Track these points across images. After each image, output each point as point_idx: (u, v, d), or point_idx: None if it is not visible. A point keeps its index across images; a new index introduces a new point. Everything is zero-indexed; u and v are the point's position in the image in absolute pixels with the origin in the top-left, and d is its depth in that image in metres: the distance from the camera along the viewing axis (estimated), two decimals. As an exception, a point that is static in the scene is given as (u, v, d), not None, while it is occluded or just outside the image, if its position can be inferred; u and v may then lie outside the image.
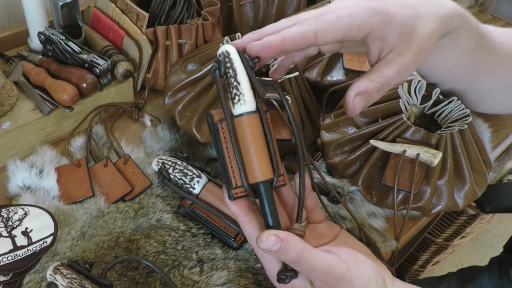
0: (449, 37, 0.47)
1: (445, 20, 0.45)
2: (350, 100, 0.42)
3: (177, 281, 0.49)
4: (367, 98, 0.42)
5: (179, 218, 0.55)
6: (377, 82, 0.42)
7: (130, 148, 0.62)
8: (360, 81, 0.43)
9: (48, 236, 0.49)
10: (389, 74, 0.42)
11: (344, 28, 0.40)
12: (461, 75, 0.54)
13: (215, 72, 0.40)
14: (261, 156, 0.39)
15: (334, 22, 0.40)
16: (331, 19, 0.41)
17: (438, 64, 0.51)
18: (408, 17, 0.43)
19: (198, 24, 0.69)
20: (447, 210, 0.58)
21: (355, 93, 0.42)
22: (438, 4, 0.45)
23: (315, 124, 0.66)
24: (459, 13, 0.47)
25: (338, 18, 0.41)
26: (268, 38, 0.39)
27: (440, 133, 0.56)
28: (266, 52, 0.39)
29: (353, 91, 0.42)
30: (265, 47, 0.39)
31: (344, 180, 0.60)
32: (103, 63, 0.62)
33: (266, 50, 0.39)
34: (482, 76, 0.54)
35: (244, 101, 0.39)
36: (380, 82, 0.42)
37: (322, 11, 0.42)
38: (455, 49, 0.49)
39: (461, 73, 0.53)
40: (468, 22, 0.48)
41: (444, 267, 1.54)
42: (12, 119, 0.59)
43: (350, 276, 0.40)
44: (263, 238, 0.38)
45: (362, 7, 0.41)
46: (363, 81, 0.42)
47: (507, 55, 0.54)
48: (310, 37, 0.40)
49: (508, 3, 1.06)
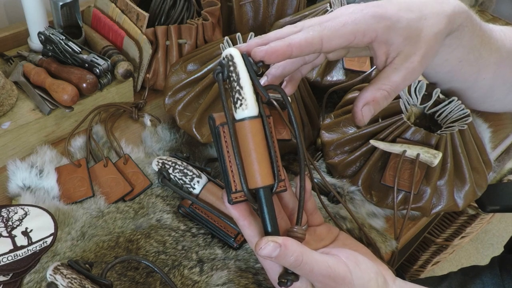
0: (454, 35, 0.47)
1: (451, 18, 0.45)
2: (358, 110, 0.42)
3: (177, 281, 0.49)
4: (375, 106, 0.42)
5: (179, 218, 0.55)
6: (384, 90, 0.42)
7: (130, 148, 0.62)
8: (368, 90, 0.42)
9: (48, 236, 0.49)
10: (396, 80, 0.42)
11: (349, 35, 0.40)
12: (464, 73, 0.54)
13: (218, 76, 0.40)
14: (261, 161, 0.39)
15: (339, 28, 0.40)
16: (336, 25, 0.40)
17: (442, 64, 0.51)
18: (413, 20, 0.42)
19: (198, 24, 0.69)
20: (447, 210, 0.58)
21: (363, 103, 0.42)
22: (442, 2, 0.45)
23: (315, 124, 0.66)
24: (463, 9, 0.47)
25: (343, 24, 0.40)
26: (274, 44, 0.39)
27: (440, 133, 0.56)
28: (272, 58, 0.39)
29: (361, 101, 0.42)
30: (271, 52, 0.39)
31: (344, 180, 0.60)
32: (103, 63, 0.62)
33: (271, 55, 0.39)
34: (485, 74, 0.54)
35: (246, 106, 0.39)
36: (388, 90, 0.42)
37: (326, 18, 0.42)
38: (459, 48, 0.49)
39: (464, 71, 0.53)
40: (472, 19, 0.48)
41: (444, 267, 1.54)
42: (12, 119, 0.59)
43: (351, 277, 0.40)
44: (261, 245, 0.38)
45: (366, 14, 0.41)
46: (371, 89, 0.42)
47: (509, 52, 0.54)
48: (316, 43, 0.40)
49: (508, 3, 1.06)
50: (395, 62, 0.43)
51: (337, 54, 0.48)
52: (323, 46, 0.40)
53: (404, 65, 0.42)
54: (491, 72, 0.54)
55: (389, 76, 0.43)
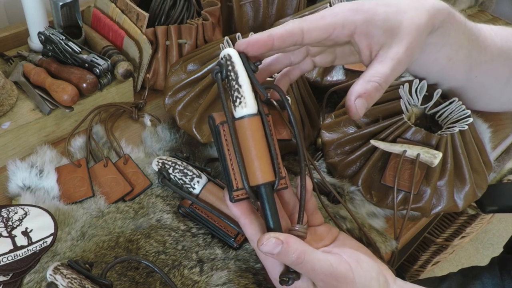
0: (438, 33, 0.48)
1: (431, 13, 0.45)
2: (351, 103, 0.43)
3: (177, 281, 0.49)
4: (368, 99, 0.43)
5: (179, 218, 0.55)
6: (374, 81, 0.43)
7: (130, 148, 0.62)
8: (358, 83, 0.43)
9: (48, 236, 0.49)
10: (385, 71, 0.43)
11: (328, 26, 0.42)
12: (455, 72, 0.54)
13: (217, 75, 0.40)
14: (262, 158, 0.39)
15: (318, 20, 0.42)
16: (315, 17, 0.42)
17: (432, 64, 0.52)
18: (391, 13, 0.43)
19: (198, 24, 0.69)
20: (447, 210, 0.58)
21: (355, 96, 0.42)
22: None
23: (315, 124, 0.66)
24: (444, 6, 0.47)
25: (322, 17, 0.42)
26: (256, 35, 0.41)
27: (441, 133, 0.56)
28: (254, 48, 0.40)
29: (353, 94, 0.43)
30: (253, 42, 0.40)
31: (344, 180, 0.60)
32: (103, 63, 0.62)
33: (253, 45, 0.40)
34: (476, 72, 0.54)
35: (245, 104, 0.39)
36: (378, 81, 0.43)
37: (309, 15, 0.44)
38: (446, 46, 0.49)
39: (455, 70, 0.53)
40: (455, 16, 0.49)
41: (444, 267, 1.54)
42: (12, 119, 0.59)
43: (353, 276, 0.40)
44: (263, 241, 0.38)
45: (344, 7, 0.43)
46: (361, 83, 0.43)
47: (500, 49, 0.55)
48: (296, 33, 0.41)
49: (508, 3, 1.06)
50: (379, 54, 0.44)
51: (324, 58, 0.48)
52: (304, 37, 0.41)
53: (389, 56, 0.43)
54: (483, 70, 0.55)
55: (377, 68, 0.43)
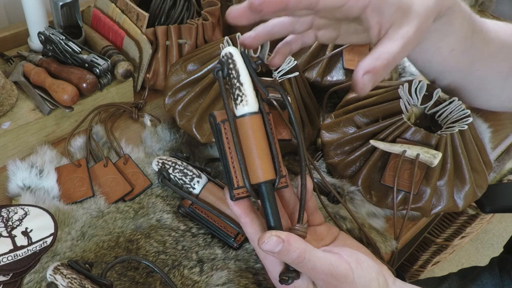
0: (443, 20, 0.48)
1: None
2: (359, 78, 0.42)
3: (177, 281, 0.49)
4: (375, 75, 0.42)
5: (179, 218, 0.55)
6: (383, 58, 0.42)
7: (130, 148, 0.62)
8: (366, 59, 0.42)
9: (48, 236, 0.49)
10: (394, 49, 0.42)
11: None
12: (457, 63, 0.54)
13: (218, 73, 0.40)
14: (263, 156, 0.39)
15: None
16: None
17: (434, 53, 0.52)
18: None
19: (198, 24, 0.69)
20: (447, 210, 0.58)
21: (363, 71, 0.42)
22: None
23: (315, 124, 0.66)
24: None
25: None
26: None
27: (440, 133, 0.56)
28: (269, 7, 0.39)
29: (361, 70, 0.42)
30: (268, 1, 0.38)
31: (344, 180, 0.60)
32: (103, 63, 0.62)
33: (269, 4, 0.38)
34: (477, 65, 0.54)
35: (246, 102, 0.39)
36: (387, 58, 0.42)
37: None
38: (450, 35, 0.49)
39: (457, 61, 0.53)
40: (461, 5, 0.49)
41: (444, 267, 1.54)
42: (12, 119, 0.59)
43: (352, 275, 0.40)
44: (264, 239, 0.38)
45: None
46: (369, 59, 0.42)
47: (503, 43, 0.54)
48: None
49: (508, 3, 1.06)
50: (389, 33, 0.43)
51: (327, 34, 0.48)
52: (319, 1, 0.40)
53: (399, 34, 0.43)
54: (484, 63, 0.54)
55: (387, 46, 0.43)
